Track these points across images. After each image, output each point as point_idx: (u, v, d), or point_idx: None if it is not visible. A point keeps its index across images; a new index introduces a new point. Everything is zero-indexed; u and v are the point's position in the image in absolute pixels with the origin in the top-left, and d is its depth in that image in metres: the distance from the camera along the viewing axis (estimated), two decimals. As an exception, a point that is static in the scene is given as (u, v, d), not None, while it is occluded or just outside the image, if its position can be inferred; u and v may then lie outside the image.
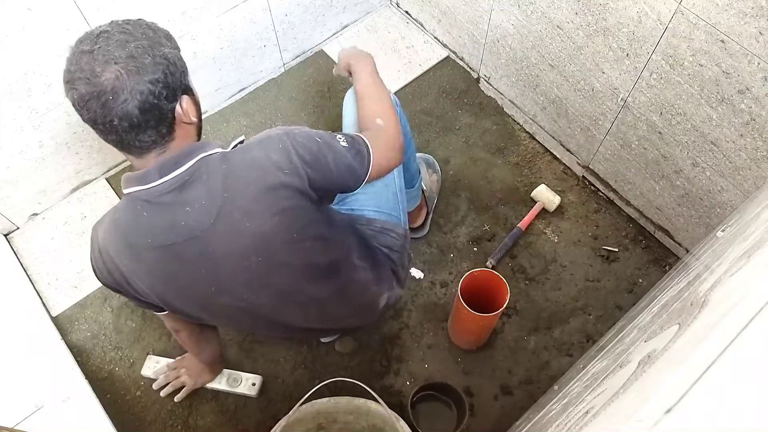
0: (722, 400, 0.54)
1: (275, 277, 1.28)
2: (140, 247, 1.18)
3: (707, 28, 1.43)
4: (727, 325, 0.66)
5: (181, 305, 1.30)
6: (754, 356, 0.57)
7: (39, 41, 1.65)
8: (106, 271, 1.26)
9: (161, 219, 1.15)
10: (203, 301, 1.28)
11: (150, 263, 1.20)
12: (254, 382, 1.80)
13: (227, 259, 1.20)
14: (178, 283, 1.24)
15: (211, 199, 1.14)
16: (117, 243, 1.20)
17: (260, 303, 1.32)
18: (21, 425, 1.66)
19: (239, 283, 1.25)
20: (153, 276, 1.22)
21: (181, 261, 1.19)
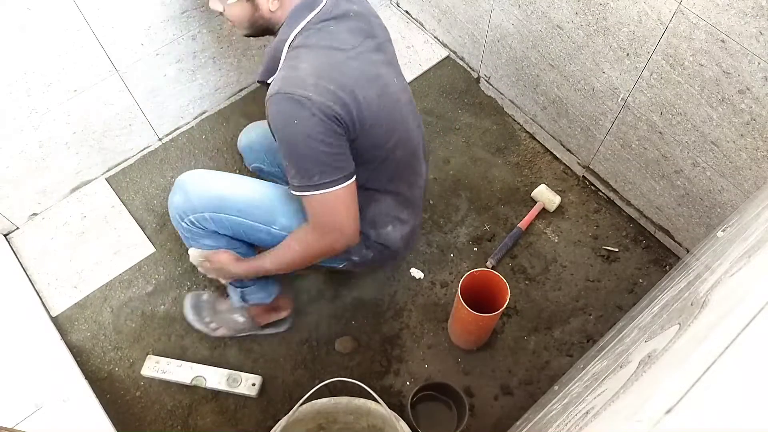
0: (723, 400, 0.54)
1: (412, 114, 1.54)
2: (348, 53, 1.32)
3: (707, 28, 1.42)
4: (728, 325, 0.66)
5: (380, 111, 1.37)
6: (754, 356, 0.57)
7: (39, 41, 1.65)
8: (331, 98, 1.26)
9: (345, 26, 1.34)
10: (396, 95, 1.43)
11: (356, 65, 1.32)
12: (254, 382, 1.79)
13: (388, 48, 1.46)
14: (380, 79, 1.37)
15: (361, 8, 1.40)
16: (339, 67, 1.29)
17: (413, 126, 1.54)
18: (21, 425, 1.66)
19: (398, 72, 1.50)
20: (363, 77, 1.32)
21: (371, 56, 1.37)
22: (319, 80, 1.24)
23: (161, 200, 2.13)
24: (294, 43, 1.32)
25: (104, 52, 1.80)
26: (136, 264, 2.02)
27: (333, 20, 1.33)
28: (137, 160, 2.20)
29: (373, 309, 1.94)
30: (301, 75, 1.25)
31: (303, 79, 1.24)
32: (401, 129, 1.46)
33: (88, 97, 1.87)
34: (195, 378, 1.79)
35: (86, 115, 1.92)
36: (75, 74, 1.79)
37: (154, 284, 1.98)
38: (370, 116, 1.33)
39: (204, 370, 1.81)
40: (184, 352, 1.87)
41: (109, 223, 2.09)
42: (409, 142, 1.51)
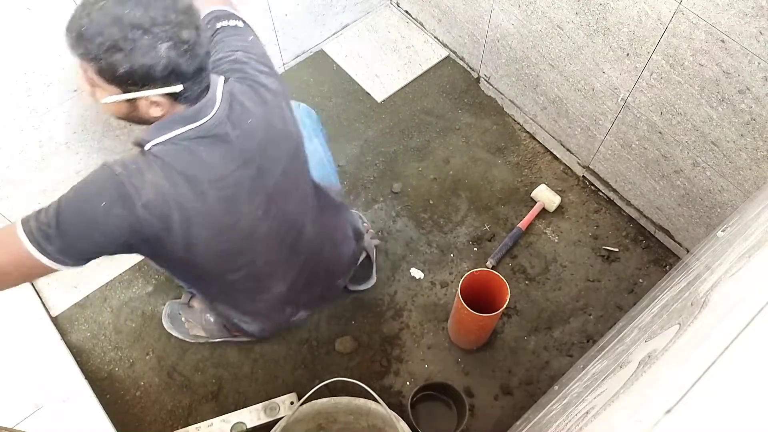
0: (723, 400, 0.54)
1: (302, 183, 1.47)
2: (206, 183, 1.22)
3: (707, 28, 1.43)
4: (728, 325, 0.66)
5: (219, 244, 1.33)
6: (754, 356, 0.57)
7: (38, 41, 1.65)
8: (152, 220, 1.18)
9: (220, 149, 1.23)
10: (248, 230, 1.36)
11: (213, 199, 1.24)
12: (292, 400, 1.75)
13: (275, 168, 1.34)
14: (230, 220, 1.30)
15: (255, 117, 1.27)
16: (176, 187, 1.18)
17: (298, 215, 1.49)
18: (21, 425, 1.66)
19: (284, 191, 1.40)
20: (213, 214, 1.26)
21: (240, 186, 1.28)
22: (151, 203, 1.16)
23: (161, 200, 2.13)
24: (153, 150, 1.18)
25: (104, 52, 1.80)
26: (136, 264, 2.02)
27: (207, 140, 1.20)
28: (137, 160, 2.20)
29: (373, 309, 1.95)
30: (144, 184, 1.15)
31: (141, 187, 1.15)
32: (243, 260, 1.42)
33: (89, 97, 1.87)
34: (234, 427, 1.71)
35: (86, 115, 1.92)
36: (75, 74, 1.78)
37: (154, 284, 1.98)
38: (199, 252, 1.29)
39: (238, 416, 1.72)
40: (185, 353, 1.87)
41: (109, 223, 2.09)
42: (256, 269, 1.45)
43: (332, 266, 1.72)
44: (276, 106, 1.34)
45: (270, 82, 1.33)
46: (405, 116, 2.32)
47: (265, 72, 1.34)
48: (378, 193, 2.14)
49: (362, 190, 2.15)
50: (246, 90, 1.28)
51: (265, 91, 1.31)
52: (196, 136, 1.19)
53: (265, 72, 1.34)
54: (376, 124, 2.30)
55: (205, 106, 1.19)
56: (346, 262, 1.76)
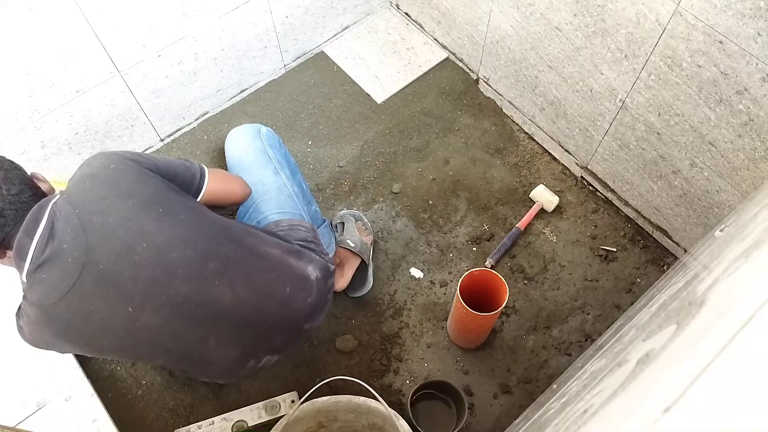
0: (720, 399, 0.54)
1: (197, 252, 1.35)
2: (53, 308, 1.25)
3: (705, 29, 1.43)
4: (725, 325, 0.66)
5: (110, 345, 1.36)
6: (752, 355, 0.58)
7: (40, 42, 1.65)
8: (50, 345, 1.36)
9: (55, 271, 1.23)
10: (127, 325, 1.30)
11: (65, 316, 1.26)
12: (293, 399, 1.76)
13: (121, 264, 1.26)
14: (98, 321, 1.28)
15: (73, 223, 1.24)
16: (40, 318, 1.28)
17: (200, 288, 1.35)
18: (23, 424, 1.67)
19: (148, 280, 1.29)
20: (74, 327, 1.29)
21: (87, 295, 1.26)
22: (33, 336, 1.33)
23: (162, 200, 2.14)
24: (25, 295, 1.29)
25: (106, 53, 1.81)
26: (138, 264, 2.02)
27: (43, 266, 1.23)
28: (138, 161, 2.21)
29: (372, 308, 1.95)
30: (26, 322, 1.31)
31: (25, 323, 1.32)
32: (151, 353, 1.43)
33: (90, 98, 1.88)
34: (235, 425, 1.72)
35: (88, 116, 1.92)
36: (77, 75, 1.79)
37: (155, 284, 1.99)
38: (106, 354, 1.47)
39: (240, 414, 1.74)
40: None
41: (110, 223, 2.09)
42: (179, 354, 1.43)
43: (288, 318, 1.53)
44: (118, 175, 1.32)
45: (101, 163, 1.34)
46: (405, 117, 2.33)
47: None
48: (378, 194, 2.15)
49: (362, 191, 2.16)
50: (71, 204, 1.27)
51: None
52: (33, 270, 1.23)
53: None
54: (376, 125, 2.31)
55: (23, 244, 1.23)
56: (307, 312, 1.55)
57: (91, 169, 1.32)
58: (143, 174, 1.34)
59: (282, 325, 1.52)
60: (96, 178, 1.30)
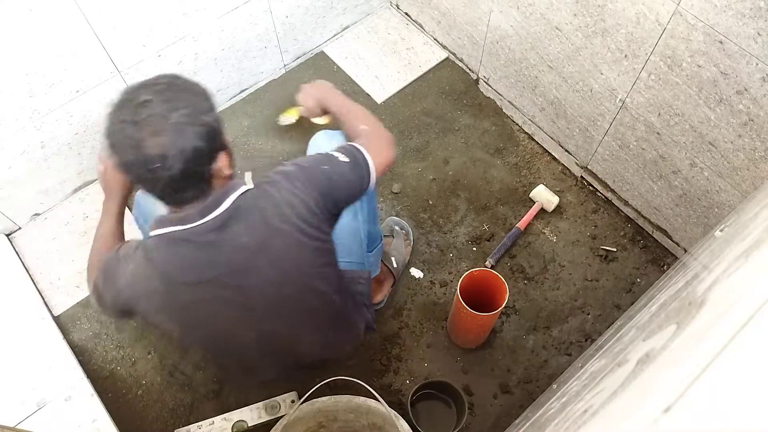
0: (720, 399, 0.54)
1: (297, 307, 1.37)
2: (179, 285, 1.23)
3: (705, 29, 1.43)
4: (725, 325, 0.66)
5: (197, 337, 1.41)
6: (752, 355, 0.58)
7: (41, 42, 1.65)
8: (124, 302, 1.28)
9: (203, 256, 1.20)
10: (225, 334, 1.36)
11: (186, 300, 1.25)
12: (293, 399, 1.77)
13: (264, 291, 1.27)
14: (209, 319, 1.31)
15: (252, 235, 1.20)
16: (152, 281, 1.23)
17: (280, 332, 1.40)
18: (23, 424, 1.67)
19: (271, 314, 1.33)
20: (185, 312, 1.28)
21: (216, 298, 1.25)
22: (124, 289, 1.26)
23: (162, 200, 2.14)
24: (147, 241, 1.24)
25: (106, 53, 1.81)
26: (138, 264, 2.02)
27: (192, 244, 1.20)
28: (138, 161, 2.20)
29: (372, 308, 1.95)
30: (125, 270, 1.25)
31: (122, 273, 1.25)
32: (221, 353, 1.50)
33: (90, 98, 1.88)
34: (235, 425, 1.73)
35: (88, 116, 1.92)
36: (77, 75, 1.79)
37: (155, 284, 1.99)
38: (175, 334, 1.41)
39: (240, 414, 1.74)
40: (186, 352, 1.88)
41: (110, 223, 2.09)
42: (237, 362, 1.53)
43: (328, 354, 1.66)
44: (286, 235, 1.25)
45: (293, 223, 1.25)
46: (405, 117, 2.33)
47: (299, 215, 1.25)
48: (378, 194, 2.15)
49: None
50: (259, 210, 1.22)
51: (279, 221, 1.24)
52: (182, 238, 1.19)
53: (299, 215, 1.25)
54: (375, 124, 2.31)
55: (199, 212, 1.18)
56: (345, 353, 1.78)
57: None
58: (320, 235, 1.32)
59: (321, 360, 1.72)
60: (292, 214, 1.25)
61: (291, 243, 1.25)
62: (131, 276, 1.24)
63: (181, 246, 1.20)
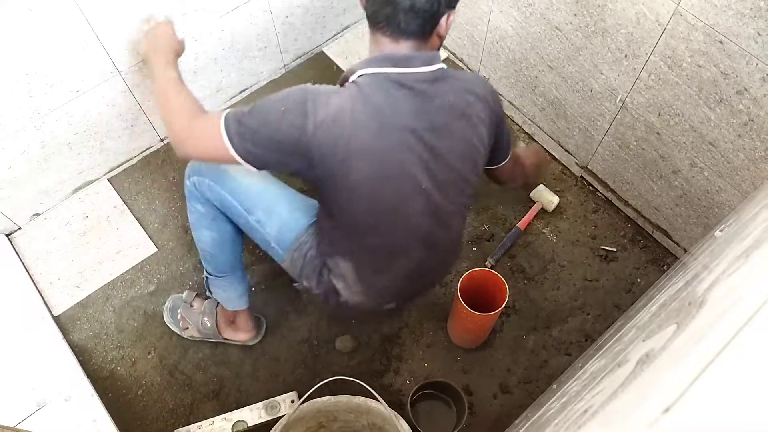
0: (721, 399, 0.54)
1: (454, 191, 1.40)
2: (389, 126, 1.25)
3: (705, 29, 1.43)
4: (726, 325, 0.66)
5: (366, 192, 1.32)
6: (752, 355, 0.58)
7: (40, 42, 1.65)
8: (317, 140, 1.24)
9: (412, 103, 1.26)
10: (405, 197, 1.34)
11: (390, 143, 1.26)
12: (293, 399, 1.76)
13: (446, 157, 1.32)
14: (393, 170, 1.29)
15: (457, 100, 1.30)
16: (363, 115, 1.23)
17: (448, 209, 1.42)
18: (22, 424, 1.67)
19: (441, 183, 1.35)
20: (382, 156, 1.27)
21: (413, 148, 1.28)
22: (324, 122, 1.22)
23: (163, 200, 2.14)
24: (357, 80, 1.27)
25: (106, 53, 1.81)
26: (138, 264, 2.02)
27: (406, 90, 1.25)
28: (139, 161, 2.21)
29: (373, 308, 1.95)
30: (327, 103, 1.23)
31: (322, 106, 1.22)
32: (386, 222, 1.39)
33: (91, 98, 1.88)
34: (235, 425, 1.73)
35: (88, 116, 1.92)
36: (77, 75, 1.79)
37: (156, 284, 1.99)
38: (349, 188, 1.30)
39: (240, 414, 1.74)
40: (186, 351, 1.88)
41: (111, 223, 2.09)
42: (395, 238, 1.43)
43: (440, 270, 1.68)
44: (473, 125, 1.34)
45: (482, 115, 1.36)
46: (404, 116, 2.33)
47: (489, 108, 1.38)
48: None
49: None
50: (463, 93, 1.32)
51: (473, 115, 1.34)
52: (398, 81, 1.24)
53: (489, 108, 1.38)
54: (375, 124, 2.31)
55: (418, 59, 1.26)
56: (445, 272, 1.76)
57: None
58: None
59: (434, 273, 1.67)
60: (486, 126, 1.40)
61: (470, 135, 1.34)
62: (336, 110, 1.22)
63: (399, 89, 1.25)
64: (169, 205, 2.13)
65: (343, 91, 1.25)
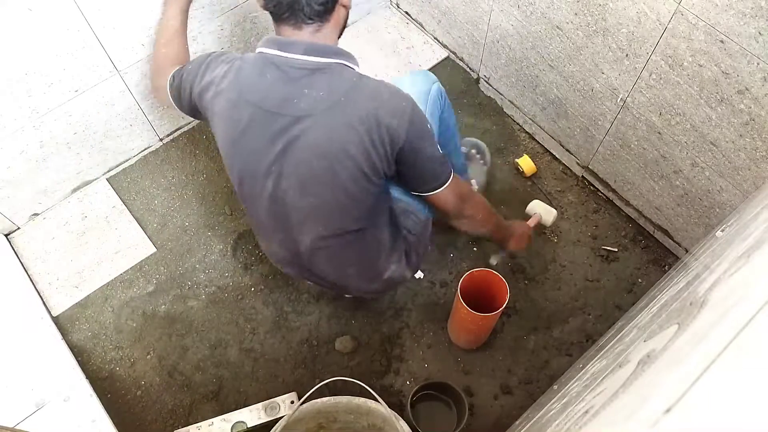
0: (722, 400, 0.54)
1: (325, 191, 1.40)
2: (246, 102, 1.34)
3: (707, 29, 1.43)
4: (727, 325, 0.66)
5: (230, 161, 1.45)
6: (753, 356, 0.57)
7: (40, 42, 1.65)
8: (189, 88, 1.47)
9: (280, 88, 1.31)
10: (252, 173, 1.42)
11: (245, 118, 1.35)
12: (292, 399, 1.76)
13: (304, 151, 1.34)
14: (247, 146, 1.38)
15: (329, 97, 1.30)
16: (229, 85, 1.36)
17: (296, 205, 1.43)
18: (21, 425, 1.67)
19: (297, 175, 1.38)
20: (236, 129, 1.37)
21: (269, 130, 1.34)
22: (207, 82, 1.43)
23: (162, 200, 2.14)
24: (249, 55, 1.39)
25: (105, 53, 1.80)
26: (137, 264, 2.02)
27: (277, 71, 1.32)
28: (138, 161, 2.21)
29: (372, 308, 1.95)
30: (217, 67, 1.42)
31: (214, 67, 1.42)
32: (247, 202, 1.53)
33: (89, 98, 1.87)
34: (234, 426, 1.72)
35: (87, 116, 1.92)
36: (76, 75, 1.79)
37: (155, 284, 1.99)
38: (219, 147, 1.47)
39: (239, 415, 1.73)
40: (185, 352, 1.88)
41: (110, 223, 2.09)
42: (257, 222, 1.57)
43: (342, 285, 1.67)
44: (352, 128, 1.31)
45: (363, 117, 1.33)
46: (405, 116, 2.32)
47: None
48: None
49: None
50: (340, 88, 1.32)
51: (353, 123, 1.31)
52: (274, 63, 1.32)
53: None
54: (375, 124, 2.30)
55: (300, 45, 1.31)
56: (364, 291, 1.73)
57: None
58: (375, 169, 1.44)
59: (332, 284, 1.68)
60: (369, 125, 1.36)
61: (350, 135, 1.32)
62: (216, 75, 1.39)
63: (269, 69, 1.32)
64: (168, 205, 2.13)
65: (235, 62, 1.38)
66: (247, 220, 2.07)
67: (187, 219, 2.10)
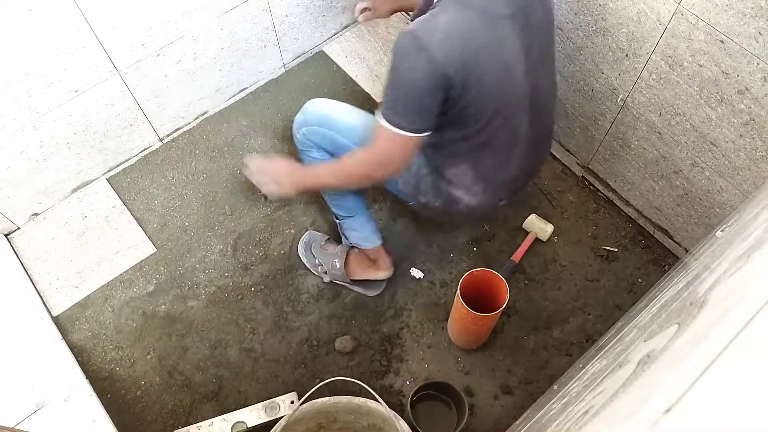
0: (722, 400, 0.54)
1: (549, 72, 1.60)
2: (492, 17, 1.36)
3: (706, 29, 1.43)
4: (727, 325, 0.66)
5: (495, 83, 1.44)
6: (753, 356, 0.57)
7: (40, 42, 1.65)
8: (448, 60, 1.34)
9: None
10: (516, 80, 1.47)
11: (500, 33, 1.37)
12: (292, 399, 1.75)
13: (540, 34, 1.48)
14: (508, 56, 1.41)
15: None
16: (471, 20, 1.35)
17: (539, 87, 1.53)
18: (21, 425, 1.66)
19: (538, 63, 1.49)
20: (496, 47, 1.39)
21: (512, 34, 1.39)
22: (447, 39, 1.32)
23: (162, 200, 2.14)
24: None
25: (105, 53, 1.80)
26: (137, 264, 2.02)
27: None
28: (138, 161, 2.21)
29: (373, 308, 1.95)
30: (437, 26, 1.32)
31: (435, 30, 1.32)
32: (506, 110, 1.50)
33: (89, 98, 1.87)
34: (234, 426, 1.71)
35: (87, 116, 1.92)
36: (76, 75, 1.79)
37: (155, 284, 1.99)
38: (478, 88, 1.40)
39: (239, 415, 1.72)
40: (185, 352, 1.88)
41: (110, 223, 2.09)
42: (511, 124, 1.55)
43: (542, 156, 1.82)
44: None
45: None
46: (405, 116, 2.32)
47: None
48: (378, 194, 2.15)
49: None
50: None
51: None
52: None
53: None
54: (375, 124, 2.30)
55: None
56: (548, 147, 1.85)
57: None
58: None
59: (537, 159, 1.81)
60: None
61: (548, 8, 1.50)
62: (445, 27, 1.32)
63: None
64: (168, 205, 2.13)
65: (446, 7, 1.35)
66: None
67: (187, 219, 2.10)
